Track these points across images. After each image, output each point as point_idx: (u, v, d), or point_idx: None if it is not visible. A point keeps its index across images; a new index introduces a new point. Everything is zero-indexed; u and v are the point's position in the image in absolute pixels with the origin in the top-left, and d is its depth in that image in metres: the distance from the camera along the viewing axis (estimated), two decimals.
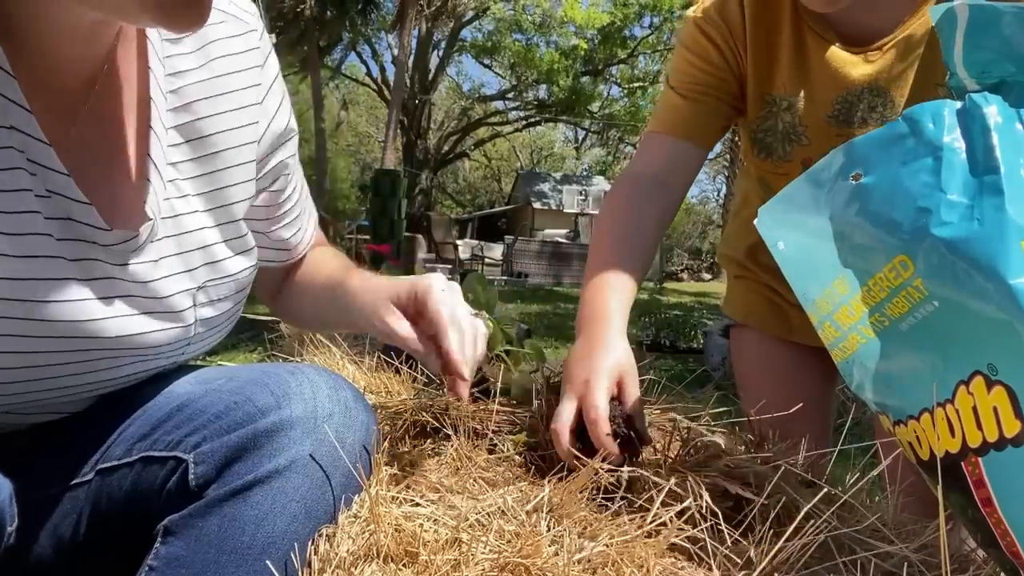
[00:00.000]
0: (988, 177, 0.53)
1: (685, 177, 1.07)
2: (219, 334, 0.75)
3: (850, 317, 0.63)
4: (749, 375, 1.28)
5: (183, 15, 0.55)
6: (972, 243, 0.52)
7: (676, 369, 4.34)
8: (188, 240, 0.68)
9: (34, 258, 0.57)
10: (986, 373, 0.53)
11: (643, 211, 1.02)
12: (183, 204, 0.68)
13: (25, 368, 0.59)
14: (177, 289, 0.67)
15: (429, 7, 17.31)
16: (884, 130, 0.59)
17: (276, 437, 0.60)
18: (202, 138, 0.69)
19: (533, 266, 13.20)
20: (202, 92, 0.69)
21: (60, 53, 0.59)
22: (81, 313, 0.60)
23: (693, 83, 1.05)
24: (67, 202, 0.59)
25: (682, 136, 1.05)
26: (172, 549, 0.59)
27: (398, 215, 8.75)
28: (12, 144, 0.55)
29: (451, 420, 0.78)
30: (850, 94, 0.98)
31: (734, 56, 1.03)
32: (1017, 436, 0.51)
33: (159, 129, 0.66)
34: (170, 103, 0.68)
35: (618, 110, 27.65)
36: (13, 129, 0.55)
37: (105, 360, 0.64)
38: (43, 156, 0.57)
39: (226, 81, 0.71)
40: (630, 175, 1.08)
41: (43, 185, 0.58)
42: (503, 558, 0.54)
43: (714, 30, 1.03)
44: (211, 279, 0.70)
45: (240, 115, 0.72)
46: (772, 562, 0.56)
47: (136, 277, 0.64)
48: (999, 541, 0.54)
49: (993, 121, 0.54)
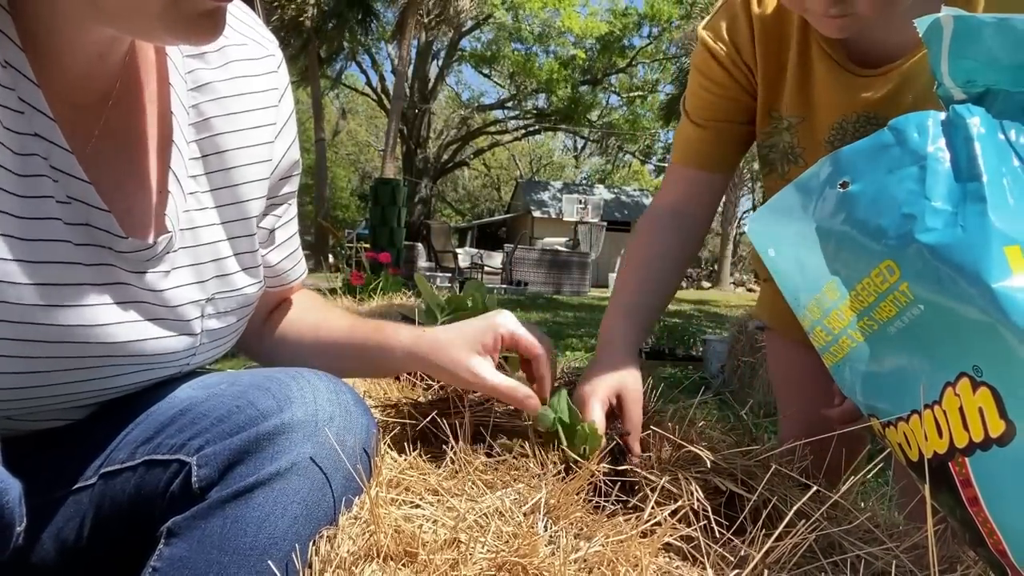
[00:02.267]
0: (971, 185, 0.54)
1: (709, 204, 1.10)
2: (223, 347, 0.76)
3: (840, 321, 0.65)
4: (776, 377, 1.30)
5: (201, 30, 0.57)
6: (956, 249, 0.53)
7: (675, 376, 4.35)
8: (203, 252, 0.70)
9: (52, 263, 0.58)
10: (971, 375, 0.54)
11: (664, 242, 1.06)
12: (201, 216, 0.70)
13: (36, 373, 0.60)
14: (188, 299, 0.68)
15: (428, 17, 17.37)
16: (870, 139, 0.61)
17: (278, 440, 0.61)
18: (220, 153, 0.71)
19: (533, 274, 13.19)
20: (223, 108, 0.71)
21: (77, 68, 0.61)
22: (95, 318, 0.61)
23: (707, 109, 1.06)
24: (87, 209, 0.61)
25: (701, 167, 1.08)
26: (175, 550, 0.60)
27: (398, 224, 8.77)
28: (37, 151, 0.57)
29: (450, 424, 0.79)
30: (846, 121, 0.97)
31: (744, 75, 1.03)
32: (1002, 436, 0.52)
33: (180, 142, 0.68)
34: (191, 117, 0.69)
35: (617, 119, 27.76)
36: (38, 136, 0.57)
37: (112, 367, 0.65)
38: (66, 164, 0.59)
39: (246, 100, 0.73)
40: (653, 210, 1.11)
41: (64, 192, 0.59)
42: (500, 558, 0.55)
43: (722, 50, 1.02)
44: (220, 291, 0.72)
45: (258, 134, 0.74)
46: (764, 561, 0.57)
47: (150, 286, 0.65)
48: (986, 540, 0.56)
49: (976, 131, 0.56)
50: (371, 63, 23.69)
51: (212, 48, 0.71)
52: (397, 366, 0.82)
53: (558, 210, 22.21)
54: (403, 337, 0.81)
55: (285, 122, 0.77)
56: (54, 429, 0.69)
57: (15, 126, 0.56)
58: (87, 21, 0.57)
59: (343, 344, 0.84)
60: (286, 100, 0.78)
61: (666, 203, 1.09)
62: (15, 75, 0.56)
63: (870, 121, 0.94)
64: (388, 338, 0.82)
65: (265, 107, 0.74)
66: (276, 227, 0.82)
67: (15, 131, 0.56)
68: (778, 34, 0.98)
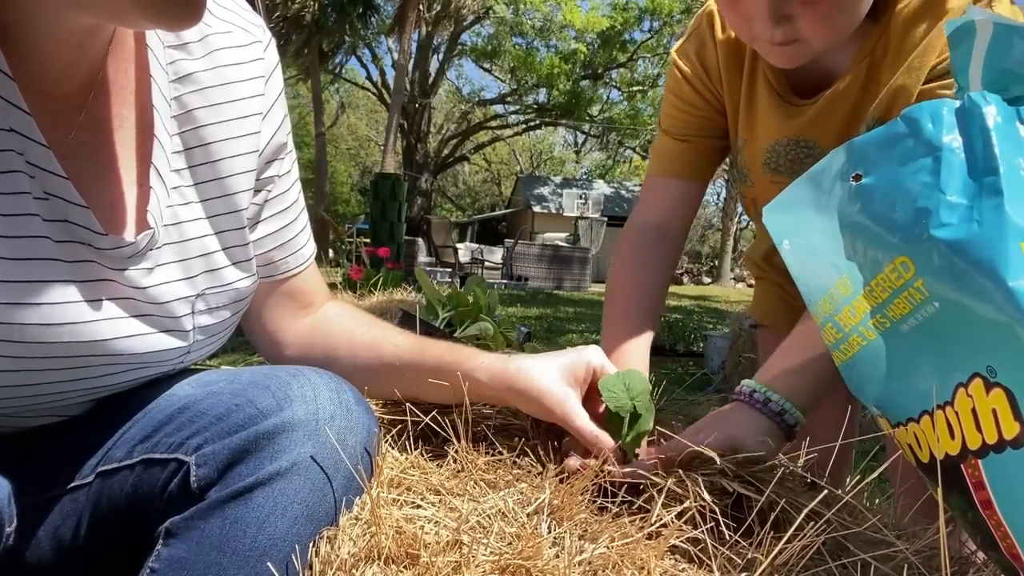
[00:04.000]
0: (987, 178, 0.53)
1: (687, 214, 1.15)
2: (218, 342, 0.75)
3: (852, 318, 0.63)
4: None
5: (176, 13, 0.54)
6: (972, 245, 0.52)
7: (676, 372, 4.34)
8: (189, 247, 0.68)
9: (32, 260, 0.57)
10: (985, 375, 0.53)
11: (650, 259, 1.12)
12: (186, 211, 0.68)
13: (21, 372, 0.59)
14: (176, 296, 0.67)
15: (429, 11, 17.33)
16: (883, 130, 0.60)
17: (278, 439, 0.60)
18: (205, 145, 0.69)
19: (533, 269, 13.18)
20: (206, 99, 0.69)
21: (55, 59, 0.59)
22: (76, 315, 0.60)
23: (680, 126, 1.12)
24: (65, 205, 0.59)
25: (678, 176, 1.13)
26: (173, 551, 0.59)
27: (398, 219, 8.75)
28: (12, 147, 0.55)
29: (451, 423, 0.78)
30: (778, 144, 1.03)
31: (712, 95, 1.09)
32: (1016, 438, 0.51)
33: (163, 136, 0.66)
34: (174, 110, 0.68)
35: (618, 114, 27.70)
36: (12, 131, 0.55)
37: (101, 366, 0.63)
38: (42, 159, 0.57)
39: (231, 90, 0.71)
40: (636, 225, 1.16)
41: (41, 187, 0.58)
42: (504, 560, 0.54)
43: (691, 71, 1.08)
44: (210, 287, 0.70)
45: (244, 124, 0.72)
46: (773, 563, 0.56)
47: (134, 282, 0.64)
48: (999, 543, 0.55)
49: (992, 121, 0.54)
50: (371, 57, 23.65)
51: (194, 38, 0.69)
52: (480, 390, 0.78)
53: (559, 205, 22.21)
54: (487, 360, 0.78)
55: (270, 108, 0.75)
56: (51, 426, 0.68)
57: None
58: (63, 8, 0.55)
59: (414, 365, 0.80)
60: (272, 85, 0.76)
61: (652, 219, 1.14)
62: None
63: (799, 144, 1.01)
64: (469, 359, 0.78)
65: (252, 96, 0.73)
66: (260, 214, 0.78)
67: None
68: (736, 60, 1.04)
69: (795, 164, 1.02)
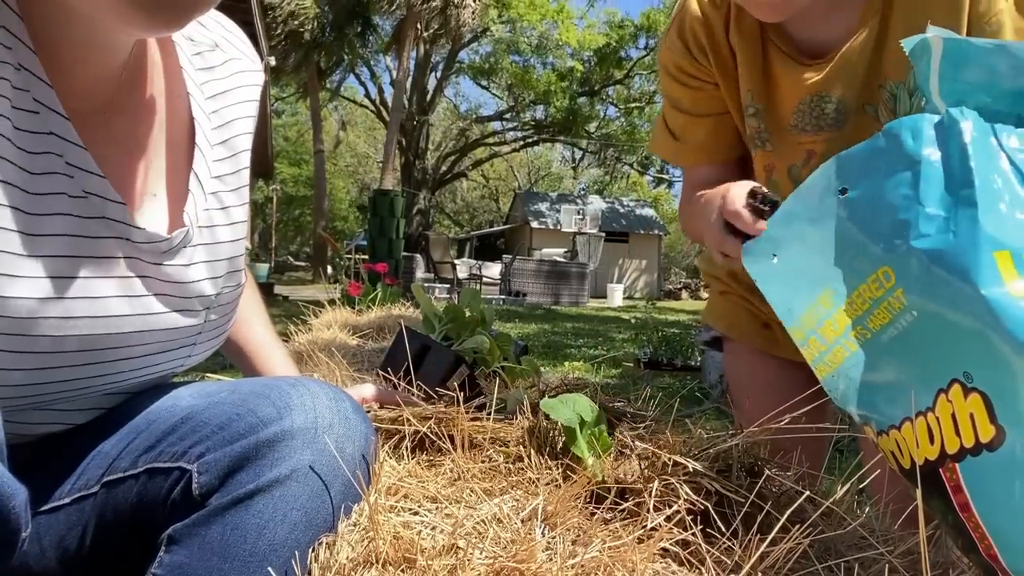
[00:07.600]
0: (963, 191, 0.55)
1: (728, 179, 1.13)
2: (215, 344, 0.78)
3: (834, 331, 0.65)
4: (735, 387, 1.30)
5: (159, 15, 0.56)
6: (947, 255, 0.54)
7: (674, 386, 4.35)
8: (219, 250, 0.74)
9: (69, 258, 0.60)
10: (962, 381, 0.55)
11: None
12: (222, 216, 0.75)
13: (47, 369, 0.61)
14: (200, 293, 0.72)
15: (427, 30, 17.46)
16: (866, 144, 0.62)
17: (277, 447, 0.62)
18: (236, 155, 0.78)
19: (531, 285, 13.20)
20: (237, 113, 0.78)
21: (79, 68, 0.62)
22: (111, 308, 0.63)
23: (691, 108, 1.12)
24: (103, 202, 0.63)
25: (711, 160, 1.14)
26: (176, 557, 0.60)
27: (396, 235, 8.78)
28: (52, 149, 0.59)
29: (448, 432, 0.80)
30: (802, 103, 1.03)
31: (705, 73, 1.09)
32: (991, 441, 0.53)
33: (204, 145, 0.73)
34: (214, 122, 0.75)
35: (615, 130, 27.85)
36: (52, 135, 0.59)
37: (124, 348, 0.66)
38: (81, 160, 0.61)
39: (245, 108, 0.80)
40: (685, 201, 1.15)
41: (80, 187, 0.61)
42: (498, 563, 0.55)
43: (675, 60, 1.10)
44: (227, 287, 0.75)
45: (249, 137, 0.80)
46: (759, 566, 0.57)
47: (169, 277, 0.68)
48: (977, 545, 0.56)
49: (969, 136, 0.56)
50: (370, 75, 23.82)
51: (218, 62, 0.78)
52: None
53: (556, 221, 22.24)
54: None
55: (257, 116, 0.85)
56: (57, 437, 0.70)
57: (29, 126, 0.57)
58: (85, 20, 0.58)
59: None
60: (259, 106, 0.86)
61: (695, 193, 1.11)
62: (28, 77, 0.57)
63: (823, 99, 1.01)
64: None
65: (252, 116, 0.81)
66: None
67: (29, 131, 0.57)
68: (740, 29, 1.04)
69: (819, 120, 1.02)
